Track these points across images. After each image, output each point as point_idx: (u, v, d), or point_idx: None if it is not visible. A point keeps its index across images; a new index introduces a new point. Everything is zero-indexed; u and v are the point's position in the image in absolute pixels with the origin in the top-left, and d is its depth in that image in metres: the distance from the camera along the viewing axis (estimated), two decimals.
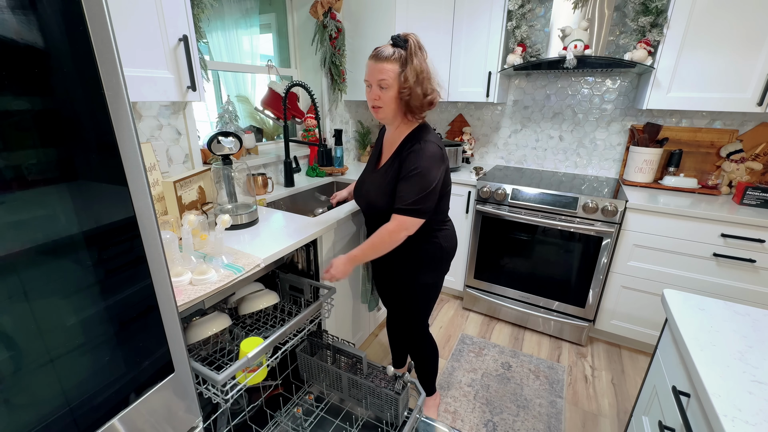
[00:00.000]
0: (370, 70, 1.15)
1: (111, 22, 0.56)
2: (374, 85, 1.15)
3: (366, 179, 1.37)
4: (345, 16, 2.23)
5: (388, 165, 1.25)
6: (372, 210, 1.33)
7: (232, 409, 1.38)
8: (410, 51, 1.12)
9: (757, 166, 1.94)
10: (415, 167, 1.12)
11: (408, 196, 1.13)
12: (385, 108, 1.17)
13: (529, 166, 2.63)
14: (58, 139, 0.55)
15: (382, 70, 1.12)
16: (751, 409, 0.62)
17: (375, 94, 1.16)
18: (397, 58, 1.11)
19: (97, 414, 0.66)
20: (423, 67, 1.13)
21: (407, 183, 1.14)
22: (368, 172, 1.37)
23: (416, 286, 1.36)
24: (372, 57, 1.15)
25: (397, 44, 1.13)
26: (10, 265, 0.52)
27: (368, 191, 1.32)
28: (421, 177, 1.12)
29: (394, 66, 1.12)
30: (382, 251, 1.22)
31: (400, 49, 1.12)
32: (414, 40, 1.13)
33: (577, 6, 1.92)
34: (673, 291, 0.98)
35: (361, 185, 1.38)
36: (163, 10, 1.03)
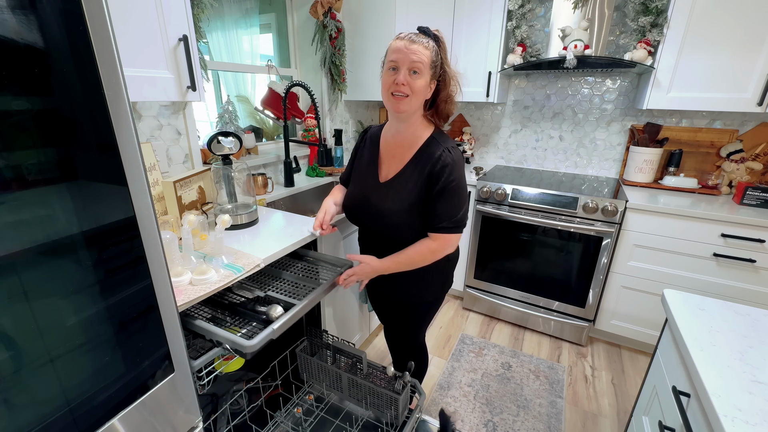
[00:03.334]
0: (400, 50, 0.97)
1: (111, 22, 0.56)
2: (403, 69, 0.97)
3: (370, 192, 1.15)
4: (345, 16, 2.23)
5: (405, 177, 1.08)
6: (385, 228, 1.13)
7: (232, 409, 1.38)
8: (444, 48, 1.02)
9: (757, 166, 1.94)
10: (452, 180, 1.01)
11: (451, 213, 1.04)
12: (413, 98, 1.00)
13: (529, 166, 2.63)
14: (58, 139, 0.55)
15: (416, 52, 0.95)
16: (751, 409, 0.62)
17: (403, 78, 0.97)
18: (431, 47, 0.99)
19: (97, 414, 0.66)
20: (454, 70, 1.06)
21: (447, 199, 1.03)
22: (369, 184, 1.16)
23: (421, 305, 1.26)
24: (402, 38, 0.99)
25: (427, 33, 1.00)
26: (10, 265, 0.52)
27: (383, 209, 1.11)
28: (460, 190, 1.04)
29: (428, 52, 0.97)
30: (415, 267, 1.11)
31: (431, 40, 1.00)
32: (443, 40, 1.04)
33: (577, 6, 1.92)
34: (673, 291, 0.98)
35: (363, 200, 1.17)
36: (163, 10, 1.03)
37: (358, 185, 1.21)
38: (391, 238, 1.14)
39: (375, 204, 1.13)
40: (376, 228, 1.18)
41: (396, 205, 1.08)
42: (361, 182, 1.20)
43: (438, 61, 1.01)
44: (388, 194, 1.11)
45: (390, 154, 1.15)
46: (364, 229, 1.27)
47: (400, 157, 1.11)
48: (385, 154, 1.16)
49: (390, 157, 1.14)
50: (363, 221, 1.22)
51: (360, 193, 1.19)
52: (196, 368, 0.97)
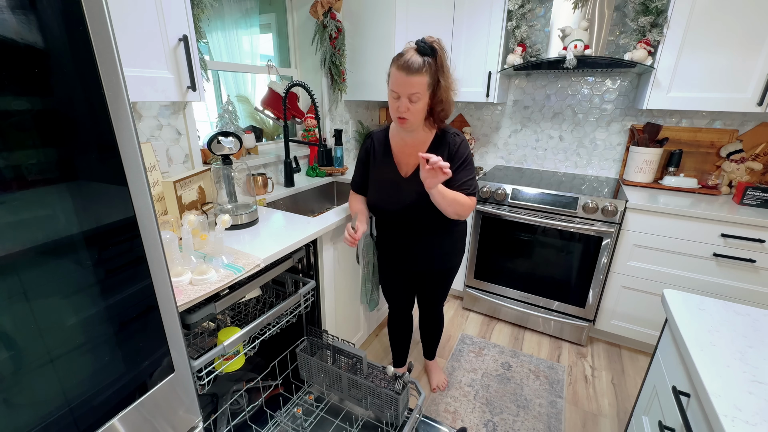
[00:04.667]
0: (400, 83, 1.11)
1: (111, 22, 0.56)
2: (404, 98, 1.13)
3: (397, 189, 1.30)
4: (345, 16, 2.23)
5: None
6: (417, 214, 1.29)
7: (232, 409, 1.38)
8: (441, 63, 1.10)
9: (757, 166, 1.94)
10: (466, 156, 1.24)
11: (472, 182, 1.25)
12: (413, 119, 1.17)
13: (529, 166, 2.63)
14: (58, 139, 0.55)
15: (413, 84, 1.10)
16: (751, 409, 0.62)
17: (404, 106, 1.14)
18: (427, 69, 1.09)
19: (97, 414, 0.66)
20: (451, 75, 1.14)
21: (466, 172, 1.24)
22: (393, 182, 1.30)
23: (453, 270, 1.50)
24: (400, 67, 1.10)
25: (424, 52, 1.09)
26: (10, 265, 0.52)
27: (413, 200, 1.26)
28: (472, 163, 1.27)
29: (424, 78, 1.09)
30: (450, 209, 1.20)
31: (429, 58, 1.09)
32: (440, 47, 1.10)
33: (577, 6, 1.92)
34: (673, 291, 0.98)
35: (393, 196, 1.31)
36: (163, 10, 1.03)
37: (382, 186, 1.35)
38: (420, 222, 1.32)
39: (405, 197, 1.29)
40: (407, 217, 1.33)
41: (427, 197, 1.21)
42: (384, 182, 1.34)
43: (434, 79, 1.12)
44: (415, 187, 1.25)
45: (405, 153, 1.29)
46: (393, 220, 1.39)
47: (416, 155, 1.26)
48: (400, 154, 1.31)
49: (406, 156, 1.29)
50: (394, 214, 1.35)
51: (388, 192, 1.33)
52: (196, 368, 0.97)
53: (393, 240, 1.45)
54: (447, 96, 1.16)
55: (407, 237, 1.40)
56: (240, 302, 1.46)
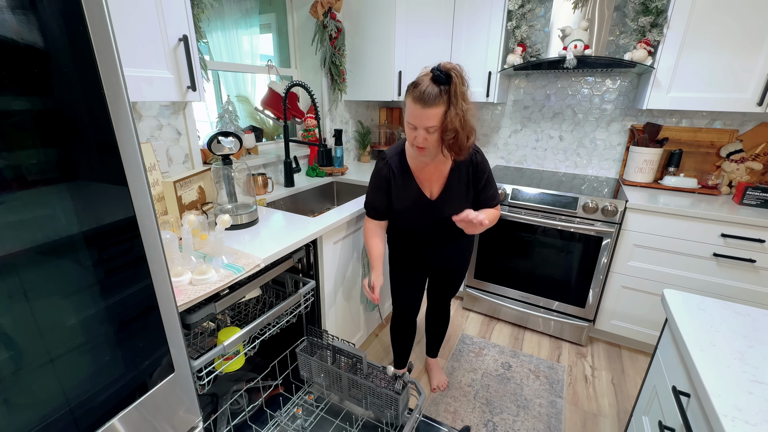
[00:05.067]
0: (415, 115, 1.10)
1: (111, 22, 0.56)
2: (420, 130, 1.12)
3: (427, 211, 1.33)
4: (345, 16, 2.23)
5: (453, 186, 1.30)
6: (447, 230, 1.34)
7: (232, 409, 1.38)
8: (455, 90, 1.05)
9: (757, 166, 1.94)
10: (489, 170, 1.31)
11: (496, 193, 1.35)
12: (431, 148, 1.17)
13: (529, 166, 2.63)
14: (58, 139, 0.55)
15: (429, 117, 1.08)
16: (751, 409, 0.62)
17: (422, 138, 1.13)
18: (443, 100, 1.06)
19: (97, 414, 0.66)
20: (468, 106, 1.08)
21: (490, 186, 1.33)
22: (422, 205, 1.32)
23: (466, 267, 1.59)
24: (416, 100, 1.08)
25: (440, 80, 1.05)
26: (10, 265, 0.52)
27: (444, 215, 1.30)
28: (492, 175, 1.33)
29: (440, 109, 1.07)
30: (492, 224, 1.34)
31: (445, 86, 1.06)
32: (457, 75, 1.06)
33: (577, 6, 1.92)
34: (673, 291, 0.98)
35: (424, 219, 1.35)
36: (163, 10, 1.03)
37: (412, 211, 1.35)
38: (450, 235, 1.37)
39: (437, 219, 1.33)
40: (438, 233, 1.38)
41: (455, 209, 1.26)
42: (413, 208, 1.35)
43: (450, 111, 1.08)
44: (444, 206, 1.31)
45: (427, 177, 1.31)
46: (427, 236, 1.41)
47: (438, 175, 1.30)
48: (422, 176, 1.32)
49: (428, 179, 1.31)
50: (425, 233, 1.39)
51: (419, 217, 1.35)
52: (196, 368, 0.97)
53: (413, 249, 1.47)
54: (456, 124, 1.08)
55: (429, 245, 1.44)
56: (240, 302, 1.46)
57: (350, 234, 1.66)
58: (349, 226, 1.64)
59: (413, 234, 1.41)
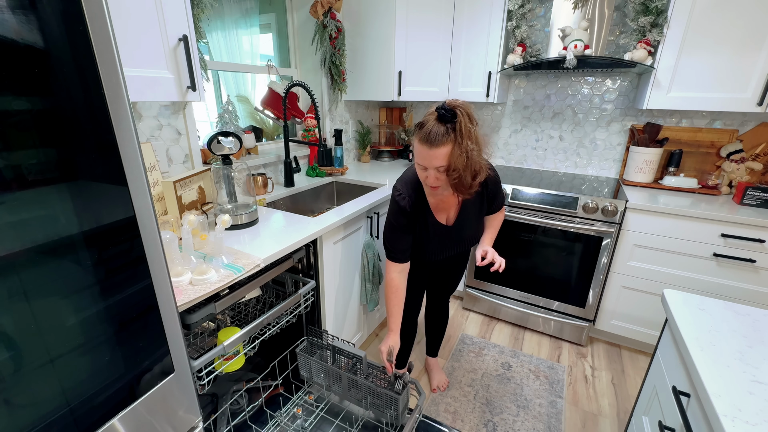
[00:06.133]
0: (423, 156, 1.09)
1: (111, 22, 0.56)
2: (431, 170, 1.10)
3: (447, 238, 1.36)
4: (345, 16, 2.23)
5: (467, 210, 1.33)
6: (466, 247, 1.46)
7: (232, 409, 1.38)
8: (459, 129, 1.03)
9: (757, 166, 1.94)
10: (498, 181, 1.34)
11: (504, 198, 1.42)
12: (445, 185, 1.15)
13: (529, 166, 2.63)
14: (58, 139, 0.55)
15: (437, 157, 1.06)
16: (751, 409, 0.62)
17: (432, 178, 1.12)
18: (450, 138, 1.04)
19: (97, 414, 0.66)
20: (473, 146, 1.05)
21: (500, 193, 1.38)
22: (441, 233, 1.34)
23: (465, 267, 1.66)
24: (422, 141, 1.07)
25: (445, 119, 1.04)
26: (10, 265, 0.52)
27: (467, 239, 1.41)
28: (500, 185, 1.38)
29: (447, 148, 1.05)
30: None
31: (451, 124, 1.04)
32: (462, 113, 1.04)
33: (577, 6, 1.92)
34: (674, 291, 0.98)
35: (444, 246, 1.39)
36: (163, 10, 1.03)
37: (434, 241, 1.38)
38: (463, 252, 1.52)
39: (455, 240, 1.38)
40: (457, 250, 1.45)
41: (474, 228, 1.39)
42: (430, 238, 1.36)
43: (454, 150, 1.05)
44: (461, 229, 1.36)
45: (443, 206, 1.32)
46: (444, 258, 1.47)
47: (453, 202, 1.32)
48: (437, 208, 1.33)
49: (444, 208, 1.33)
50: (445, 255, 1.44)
51: (442, 245, 1.39)
52: (196, 368, 0.97)
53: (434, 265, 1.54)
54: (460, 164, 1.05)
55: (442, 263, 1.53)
56: (240, 302, 1.46)
57: (350, 234, 1.66)
58: (349, 226, 1.64)
59: (432, 259, 1.46)
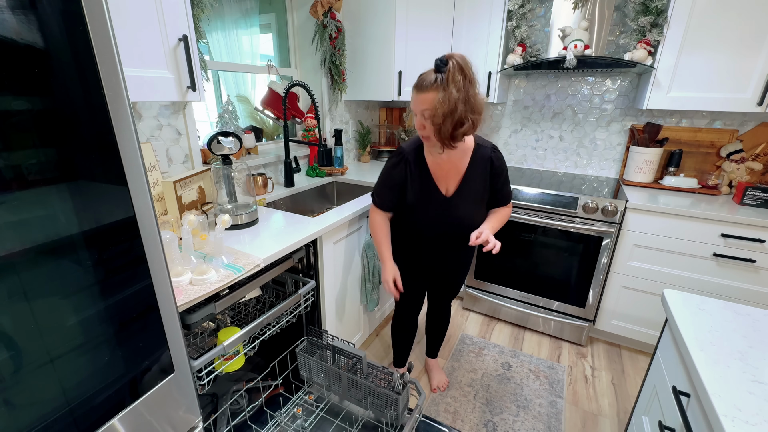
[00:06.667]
0: (413, 101, 1.15)
1: (111, 22, 0.56)
2: (419, 115, 1.15)
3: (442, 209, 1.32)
4: (345, 16, 2.23)
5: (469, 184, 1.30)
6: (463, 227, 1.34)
7: (232, 409, 1.38)
8: (448, 75, 1.05)
9: (757, 166, 1.94)
10: (506, 170, 1.34)
11: (510, 192, 1.39)
12: (432, 136, 1.15)
13: (529, 166, 2.63)
14: (58, 139, 0.55)
15: (424, 101, 1.10)
16: (751, 409, 0.62)
17: (419, 123, 1.16)
18: (437, 85, 1.07)
19: (97, 414, 0.66)
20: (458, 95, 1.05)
21: (506, 184, 1.36)
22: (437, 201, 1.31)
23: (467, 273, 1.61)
24: (414, 86, 1.14)
25: (439, 69, 1.07)
26: (10, 265, 0.52)
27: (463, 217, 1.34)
28: (508, 175, 1.36)
29: (433, 94, 1.08)
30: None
31: (441, 74, 1.07)
32: (455, 62, 1.05)
33: (577, 6, 1.92)
34: (674, 291, 0.98)
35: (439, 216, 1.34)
36: (163, 10, 1.03)
37: (427, 208, 1.34)
38: (464, 233, 1.35)
39: (452, 215, 1.33)
40: (452, 231, 1.37)
41: (470, 208, 1.33)
42: (429, 204, 1.34)
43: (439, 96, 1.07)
44: (459, 204, 1.32)
45: (444, 171, 1.30)
46: (438, 235, 1.40)
47: (455, 171, 1.29)
48: (439, 174, 1.31)
49: (444, 174, 1.30)
50: (439, 231, 1.38)
51: (434, 214, 1.34)
52: (196, 368, 0.97)
53: (420, 250, 1.45)
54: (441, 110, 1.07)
55: (438, 247, 1.42)
56: (240, 302, 1.46)
57: (350, 234, 1.66)
58: (349, 226, 1.64)
59: (425, 232, 1.39)
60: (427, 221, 1.36)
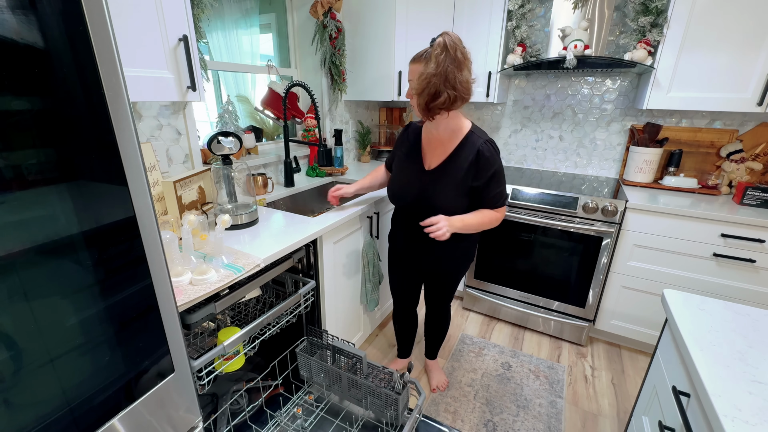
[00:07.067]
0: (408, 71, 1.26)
1: (111, 22, 0.56)
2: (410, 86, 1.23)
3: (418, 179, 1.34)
4: (345, 16, 2.23)
5: (450, 165, 1.28)
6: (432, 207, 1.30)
7: (232, 409, 1.38)
8: (432, 51, 1.12)
9: (757, 166, 1.94)
10: (496, 168, 1.26)
11: (502, 192, 1.31)
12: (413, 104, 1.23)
13: (529, 166, 2.63)
14: (58, 139, 0.55)
15: (411, 71, 1.23)
16: (751, 409, 0.62)
17: (408, 92, 1.24)
18: (423, 59, 1.16)
19: (97, 414, 0.66)
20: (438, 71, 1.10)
21: (495, 182, 1.28)
22: (416, 171, 1.35)
23: (458, 275, 1.53)
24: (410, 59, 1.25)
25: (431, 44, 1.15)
26: (10, 265, 0.52)
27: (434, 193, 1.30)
28: (502, 174, 1.29)
29: (416, 66, 1.19)
30: (479, 230, 1.34)
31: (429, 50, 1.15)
32: (440, 42, 1.10)
33: (577, 6, 1.92)
34: (673, 291, 0.98)
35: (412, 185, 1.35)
36: (163, 10, 1.03)
37: (404, 174, 1.40)
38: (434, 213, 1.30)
39: (424, 188, 1.33)
40: (422, 208, 1.33)
41: (445, 188, 1.29)
42: (406, 170, 1.39)
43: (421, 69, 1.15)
44: (436, 179, 1.31)
45: (432, 146, 1.34)
46: (409, 209, 1.41)
47: (442, 149, 1.31)
48: (427, 146, 1.35)
49: (432, 149, 1.33)
50: (411, 203, 1.38)
51: (408, 180, 1.37)
52: (196, 368, 0.97)
53: (405, 235, 1.49)
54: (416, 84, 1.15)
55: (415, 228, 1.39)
56: (240, 302, 1.46)
57: (350, 234, 1.66)
58: (349, 226, 1.64)
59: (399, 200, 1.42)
60: (402, 187, 1.39)
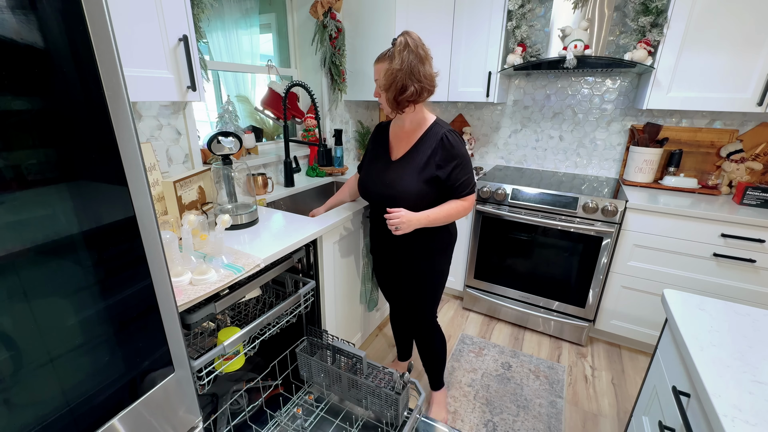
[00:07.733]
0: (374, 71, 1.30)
1: (111, 22, 0.56)
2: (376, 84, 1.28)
3: (384, 169, 1.35)
4: (345, 16, 2.23)
5: (414, 153, 1.30)
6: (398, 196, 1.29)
7: (232, 409, 1.38)
8: (395, 50, 1.19)
9: (757, 166, 1.94)
10: (461, 155, 1.26)
11: (468, 180, 1.29)
12: (383, 103, 1.28)
13: (529, 166, 2.63)
14: (59, 139, 0.55)
15: (377, 71, 1.26)
16: (751, 409, 0.62)
17: (375, 91, 1.29)
18: (387, 57, 1.22)
19: (97, 414, 0.66)
20: (403, 66, 1.17)
21: (460, 170, 1.26)
22: (382, 162, 1.37)
23: (433, 274, 1.43)
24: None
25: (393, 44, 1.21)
26: (10, 265, 0.52)
27: (395, 180, 1.30)
28: (468, 161, 1.29)
29: (380, 65, 1.24)
30: (448, 221, 1.33)
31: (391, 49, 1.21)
32: (402, 41, 1.18)
33: (577, 6, 1.92)
34: (673, 291, 0.98)
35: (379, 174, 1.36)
36: (163, 10, 1.03)
37: (372, 167, 1.43)
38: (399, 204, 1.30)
39: (390, 177, 1.34)
40: (389, 197, 1.33)
41: (405, 175, 1.29)
42: (374, 164, 1.42)
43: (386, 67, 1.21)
44: (399, 169, 1.32)
45: (398, 138, 1.37)
46: (378, 201, 1.40)
47: (407, 140, 1.34)
48: (394, 139, 1.39)
49: (398, 141, 1.37)
50: (377, 193, 1.38)
51: (375, 173, 1.39)
52: (196, 368, 0.97)
53: (377, 230, 1.51)
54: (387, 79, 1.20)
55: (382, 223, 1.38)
56: (240, 302, 1.46)
57: (350, 234, 1.66)
58: (349, 226, 1.64)
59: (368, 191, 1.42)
60: (370, 179, 1.41)
